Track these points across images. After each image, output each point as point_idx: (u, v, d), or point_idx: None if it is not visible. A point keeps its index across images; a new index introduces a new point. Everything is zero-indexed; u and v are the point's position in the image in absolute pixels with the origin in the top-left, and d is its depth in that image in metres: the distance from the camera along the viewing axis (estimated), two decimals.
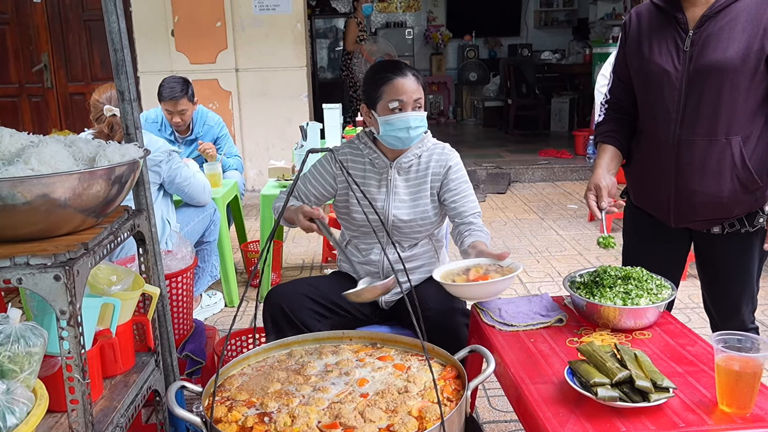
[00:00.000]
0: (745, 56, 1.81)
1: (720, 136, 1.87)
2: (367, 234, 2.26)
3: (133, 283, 1.79)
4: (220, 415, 1.54)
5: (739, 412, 1.40)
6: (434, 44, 11.29)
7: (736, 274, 2.06)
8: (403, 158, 2.21)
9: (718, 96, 1.86)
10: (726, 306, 2.13)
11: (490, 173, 6.78)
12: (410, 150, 2.21)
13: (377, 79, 2.11)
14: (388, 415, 1.50)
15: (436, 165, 2.22)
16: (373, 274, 2.26)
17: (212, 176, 3.62)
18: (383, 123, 2.11)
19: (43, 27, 6.44)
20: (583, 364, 1.51)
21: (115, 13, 1.76)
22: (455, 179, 2.22)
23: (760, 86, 1.85)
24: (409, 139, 2.13)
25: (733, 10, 1.84)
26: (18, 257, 1.31)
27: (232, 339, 2.60)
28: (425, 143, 2.24)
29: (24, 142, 1.50)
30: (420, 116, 2.11)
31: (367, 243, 2.27)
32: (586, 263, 4.23)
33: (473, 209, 2.23)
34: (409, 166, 2.22)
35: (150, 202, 1.86)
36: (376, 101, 2.12)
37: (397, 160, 2.21)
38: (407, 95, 2.08)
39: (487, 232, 2.19)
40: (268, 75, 6.54)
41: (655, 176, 2.03)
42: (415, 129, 2.11)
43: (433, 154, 2.24)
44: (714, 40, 1.85)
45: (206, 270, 3.43)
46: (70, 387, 1.35)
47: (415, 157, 2.22)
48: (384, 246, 2.14)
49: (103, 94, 2.85)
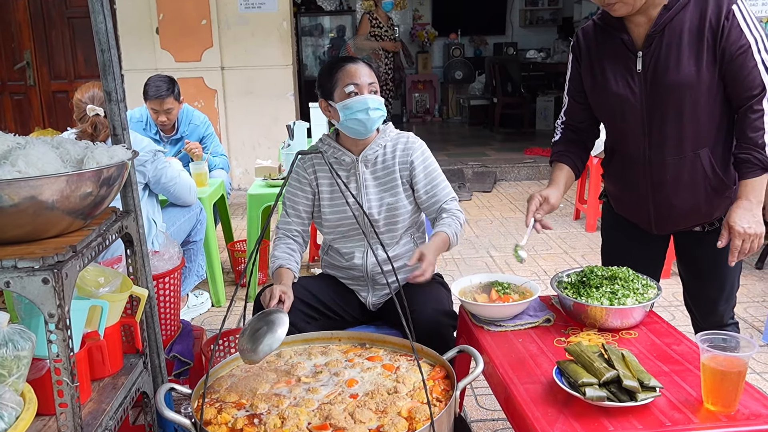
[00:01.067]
0: (698, 71, 1.81)
1: (688, 152, 1.88)
2: (345, 235, 2.25)
3: (121, 285, 1.78)
4: (209, 417, 1.54)
5: (724, 411, 1.42)
6: (420, 42, 11.29)
7: (715, 272, 2.08)
8: (369, 150, 2.19)
9: (680, 114, 1.85)
10: (705, 302, 2.16)
11: (476, 172, 6.81)
12: (374, 141, 2.20)
13: (331, 69, 2.15)
14: (378, 415, 1.50)
15: (402, 154, 2.21)
16: (358, 278, 2.26)
17: (198, 175, 3.61)
18: (342, 109, 2.11)
19: (26, 24, 6.37)
20: (571, 364, 1.53)
21: (102, 13, 1.75)
22: (424, 167, 2.21)
23: (718, 96, 1.85)
24: (369, 120, 2.11)
25: (676, 25, 1.82)
26: (5, 260, 1.30)
27: (220, 339, 2.59)
28: (388, 133, 2.23)
29: (10, 144, 1.48)
30: (376, 98, 2.11)
31: (347, 246, 2.26)
32: (572, 262, 4.26)
33: (447, 195, 2.22)
34: (375, 158, 2.20)
35: (137, 203, 1.85)
36: (332, 91, 2.13)
37: (362, 154, 2.19)
38: (361, 79, 2.10)
39: (458, 217, 2.19)
40: (253, 73, 6.51)
41: (632, 192, 2.04)
42: (374, 110, 2.10)
43: (398, 143, 2.22)
44: (665, 59, 1.84)
45: (193, 270, 3.41)
46: (59, 390, 1.34)
47: (380, 148, 2.20)
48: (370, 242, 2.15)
49: (86, 93, 2.80)
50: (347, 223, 2.21)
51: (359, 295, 2.28)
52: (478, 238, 4.84)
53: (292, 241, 2.25)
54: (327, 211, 2.22)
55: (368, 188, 2.21)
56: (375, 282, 2.24)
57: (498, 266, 4.22)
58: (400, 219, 2.22)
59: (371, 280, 2.24)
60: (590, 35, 2.02)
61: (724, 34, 1.77)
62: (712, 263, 2.07)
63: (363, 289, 2.28)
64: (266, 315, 1.74)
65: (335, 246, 2.29)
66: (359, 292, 2.28)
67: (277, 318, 1.71)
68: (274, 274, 2.16)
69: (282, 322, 1.70)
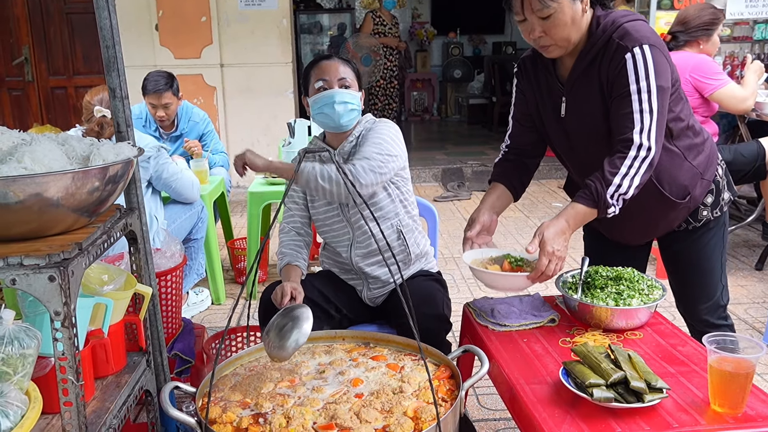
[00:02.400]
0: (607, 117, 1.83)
1: None
2: (332, 228, 2.23)
3: (125, 283, 1.77)
4: (214, 416, 1.53)
5: (731, 412, 1.42)
6: (419, 41, 11.28)
7: (693, 269, 2.10)
8: (345, 143, 2.18)
9: (602, 153, 1.83)
10: (687, 302, 2.18)
11: (475, 171, 6.80)
12: (350, 134, 2.18)
13: (307, 68, 2.18)
14: (383, 415, 1.50)
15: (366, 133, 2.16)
16: (350, 272, 2.26)
17: (199, 173, 3.59)
18: (311, 104, 2.14)
19: (24, 19, 6.34)
20: (577, 365, 1.52)
21: (107, 9, 1.74)
22: (366, 138, 2.12)
23: None
24: (336, 114, 2.09)
25: (590, 72, 1.83)
26: (11, 257, 1.29)
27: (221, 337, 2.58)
28: (363, 124, 2.20)
29: (16, 140, 1.47)
30: (345, 92, 2.09)
31: (335, 241, 2.25)
32: (572, 261, 4.26)
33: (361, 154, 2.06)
34: (350, 150, 2.17)
35: (141, 200, 1.85)
36: (308, 88, 2.16)
37: (339, 147, 2.18)
38: (330, 74, 2.11)
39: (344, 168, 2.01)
40: (253, 71, 6.50)
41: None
42: (340, 104, 2.08)
43: (369, 130, 2.16)
44: (579, 107, 1.87)
45: (193, 268, 3.41)
46: (64, 389, 1.34)
47: (354, 138, 2.18)
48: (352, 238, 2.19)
49: (96, 96, 2.89)
50: (331, 217, 2.21)
51: (357, 290, 2.28)
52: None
53: (297, 235, 2.26)
54: (316, 205, 2.23)
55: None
56: (367, 275, 2.23)
57: None
58: (374, 207, 2.13)
59: (361, 272, 2.23)
60: (529, 66, 2.02)
61: (612, 77, 1.78)
62: (689, 260, 2.09)
63: (358, 283, 2.28)
64: (290, 311, 1.73)
65: (328, 241, 2.31)
66: (356, 287, 2.28)
67: (301, 313, 1.71)
68: (282, 271, 2.16)
69: (306, 317, 1.70)
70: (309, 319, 1.69)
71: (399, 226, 2.21)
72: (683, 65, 3.54)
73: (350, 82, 2.13)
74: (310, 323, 1.69)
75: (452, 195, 6.15)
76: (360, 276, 2.25)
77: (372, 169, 2.00)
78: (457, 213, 5.58)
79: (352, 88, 2.13)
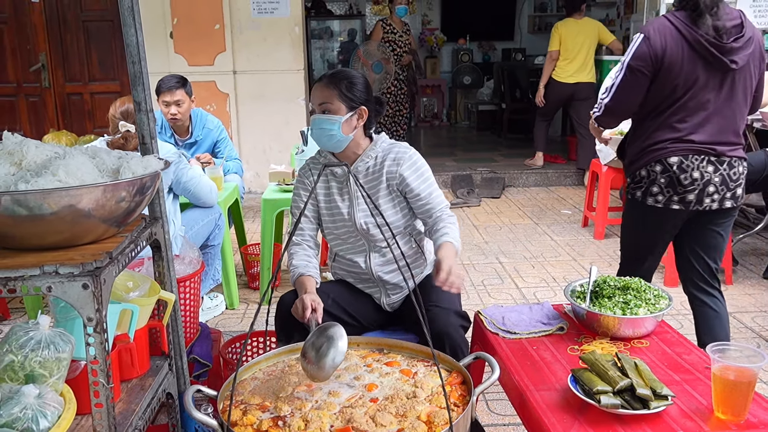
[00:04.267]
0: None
1: None
2: (345, 241, 2.31)
3: (149, 290, 1.84)
4: (235, 419, 1.59)
5: (734, 420, 1.47)
6: (429, 47, 11.35)
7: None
8: (359, 162, 2.25)
9: None
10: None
11: (484, 177, 6.86)
12: (365, 153, 2.25)
13: None
14: (398, 419, 1.55)
15: (391, 163, 2.24)
16: (368, 281, 2.32)
17: (214, 179, 3.66)
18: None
19: (41, 27, 6.45)
20: (585, 372, 1.58)
21: (134, 27, 1.82)
22: (418, 177, 2.23)
23: None
24: (319, 141, 2.22)
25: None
26: (47, 266, 1.36)
27: (237, 342, 2.65)
28: (380, 144, 2.27)
29: (49, 153, 1.55)
30: (321, 117, 2.16)
31: (350, 252, 2.32)
32: (580, 269, 4.30)
33: (439, 203, 2.24)
34: (366, 169, 2.26)
35: (164, 210, 1.92)
36: None
37: (354, 165, 2.25)
38: (315, 100, 2.20)
39: (454, 224, 2.20)
40: (265, 77, 6.58)
41: None
42: (318, 130, 2.18)
43: (389, 153, 2.25)
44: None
45: (209, 273, 3.48)
46: (95, 391, 1.40)
47: (371, 159, 2.25)
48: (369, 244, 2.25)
49: (119, 108, 2.99)
50: (345, 230, 2.28)
51: (374, 297, 2.35)
52: (487, 244, 4.89)
53: (307, 247, 2.32)
54: (327, 219, 2.31)
55: (359, 200, 2.25)
56: (385, 282, 2.30)
57: (507, 272, 4.27)
58: (393, 228, 2.24)
59: (380, 281, 2.30)
60: None
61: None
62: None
63: (376, 291, 2.34)
64: (324, 331, 1.76)
65: (340, 252, 2.36)
66: (373, 294, 2.35)
67: (335, 332, 1.74)
68: (296, 282, 2.22)
69: (341, 335, 1.73)
70: (343, 337, 1.73)
71: (413, 233, 2.31)
72: None
73: (332, 107, 2.15)
74: (345, 341, 1.72)
75: (462, 202, 6.21)
76: (378, 284, 2.32)
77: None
78: (466, 220, 5.63)
79: (334, 112, 2.16)
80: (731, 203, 2.43)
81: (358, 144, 2.24)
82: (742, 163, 2.44)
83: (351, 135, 2.20)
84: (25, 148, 1.52)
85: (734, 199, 2.43)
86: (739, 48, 2.31)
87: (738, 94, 2.37)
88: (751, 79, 2.39)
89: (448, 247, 2.10)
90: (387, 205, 2.25)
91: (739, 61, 2.32)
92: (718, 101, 2.35)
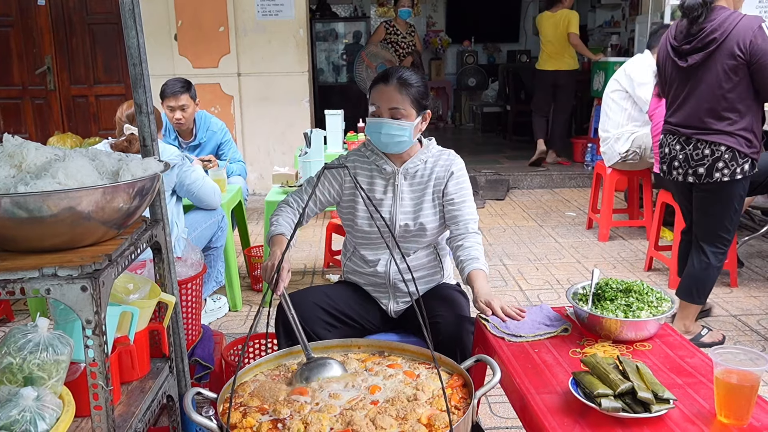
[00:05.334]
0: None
1: None
2: (372, 243, 2.30)
3: (149, 292, 1.84)
4: (234, 421, 1.58)
5: (736, 423, 1.46)
6: (433, 49, 11.36)
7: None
8: (410, 163, 2.25)
9: None
10: None
11: (489, 179, 6.84)
12: (416, 155, 2.26)
13: (371, 84, 2.24)
14: (398, 422, 1.55)
15: (440, 170, 2.26)
16: (380, 284, 2.31)
17: (217, 182, 3.67)
18: (367, 125, 2.22)
19: (47, 30, 6.49)
20: (586, 375, 1.57)
21: (135, 29, 1.82)
22: (456, 183, 2.26)
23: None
24: (381, 144, 2.19)
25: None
26: (46, 268, 1.36)
27: (239, 344, 2.65)
28: (430, 149, 2.29)
29: (49, 156, 1.55)
30: (392, 123, 2.13)
31: (373, 253, 2.31)
32: (584, 271, 4.29)
33: (470, 214, 2.25)
34: (415, 172, 2.26)
35: (165, 212, 1.92)
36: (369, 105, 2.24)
37: (404, 166, 2.25)
38: (382, 102, 2.15)
39: (479, 243, 2.21)
40: (270, 80, 6.60)
41: None
42: (386, 135, 2.15)
43: (439, 159, 2.28)
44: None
45: (212, 275, 3.48)
46: (94, 393, 1.40)
47: (422, 162, 2.26)
48: (393, 252, 2.20)
49: (126, 111, 3.02)
50: (371, 233, 2.27)
51: (380, 303, 2.34)
52: (492, 247, 4.88)
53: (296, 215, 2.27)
54: (361, 216, 2.27)
55: (404, 200, 2.25)
56: (396, 289, 2.29)
57: (511, 274, 4.25)
58: (428, 233, 2.27)
59: (393, 287, 2.29)
60: None
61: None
62: None
63: (384, 296, 2.33)
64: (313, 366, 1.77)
65: (361, 252, 2.34)
66: (380, 299, 2.33)
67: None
68: (273, 239, 2.18)
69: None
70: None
71: (437, 247, 2.34)
72: None
73: (404, 112, 2.14)
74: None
75: None
76: (389, 289, 2.31)
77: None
78: None
79: (406, 117, 2.15)
80: (693, 179, 3.01)
81: (413, 146, 2.25)
82: (710, 147, 2.94)
83: (416, 138, 2.23)
84: (25, 150, 1.52)
85: (696, 176, 3.00)
86: (690, 50, 2.92)
87: (701, 87, 2.92)
88: (718, 74, 2.85)
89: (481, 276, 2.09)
90: (429, 211, 2.25)
91: (690, 60, 2.92)
92: (685, 92, 3.00)
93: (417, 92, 2.17)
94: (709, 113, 2.92)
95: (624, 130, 4.60)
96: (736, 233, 3.29)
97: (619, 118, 4.62)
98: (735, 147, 2.89)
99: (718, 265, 3.11)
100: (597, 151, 5.83)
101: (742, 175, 2.93)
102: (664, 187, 3.92)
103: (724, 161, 2.90)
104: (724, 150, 2.90)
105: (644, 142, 4.50)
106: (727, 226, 3.05)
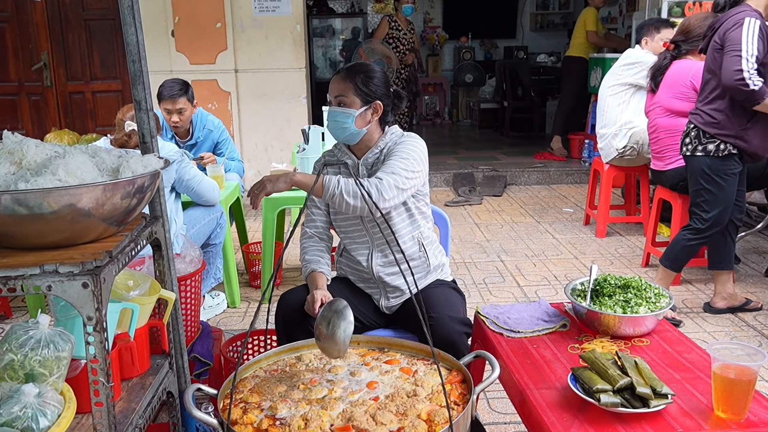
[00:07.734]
0: None
1: None
2: (353, 240, 2.31)
3: (149, 288, 1.84)
4: (235, 417, 1.59)
5: (733, 418, 1.47)
6: (430, 45, 11.35)
7: None
8: (369, 154, 2.25)
9: None
10: None
11: (486, 175, 6.85)
12: (375, 145, 2.25)
13: None
14: (398, 418, 1.55)
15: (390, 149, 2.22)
16: (368, 280, 2.32)
17: (215, 178, 3.67)
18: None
19: (43, 26, 6.46)
20: (585, 371, 1.58)
21: (134, 26, 1.82)
22: (397, 150, 2.17)
23: None
24: (333, 133, 2.23)
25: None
26: (47, 265, 1.37)
27: (238, 341, 2.65)
28: (389, 136, 2.26)
29: (49, 153, 1.55)
30: (336, 110, 2.18)
31: (355, 248, 2.32)
32: (581, 267, 4.30)
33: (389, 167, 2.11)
34: (374, 160, 2.25)
35: (165, 209, 1.92)
36: None
37: (363, 158, 2.26)
38: (332, 92, 2.21)
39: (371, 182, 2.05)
40: (267, 76, 6.58)
41: None
42: (332, 122, 2.19)
43: (396, 144, 2.22)
44: None
45: (211, 272, 3.48)
46: (95, 390, 1.41)
47: (378, 150, 2.25)
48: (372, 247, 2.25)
49: (127, 113, 3.02)
50: (351, 225, 2.28)
51: (374, 299, 2.34)
52: (489, 243, 4.89)
53: (318, 240, 2.34)
54: (333, 210, 2.31)
55: None
56: (385, 285, 2.30)
57: (508, 270, 4.26)
58: (396, 219, 2.23)
59: (380, 282, 2.29)
60: None
61: None
62: None
63: (375, 292, 2.33)
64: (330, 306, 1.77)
65: (348, 248, 2.36)
66: (373, 295, 2.34)
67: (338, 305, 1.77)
68: (308, 278, 2.24)
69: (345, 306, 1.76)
70: (348, 308, 1.75)
71: (420, 238, 2.29)
72: (684, 71, 3.66)
73: (347, 100, 2.17)
74: (350, 311, 1.75)
75: (463, 200, 6.20)
76: (378, 285, 2.31)
77: (396, 185, 2.06)
78: (468, 218, 5.63)
79: (349, 105, 2.16)
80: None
81: (371, 137, 2.24)
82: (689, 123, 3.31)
83: (365, 129, 2.20)
84: (25, 147, 1.52)
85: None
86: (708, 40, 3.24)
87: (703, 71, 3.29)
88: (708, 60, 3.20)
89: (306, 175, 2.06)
90: None
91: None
92: None
93: (361, 81, 2.17)
94: (700, 94, 3.28)
95: (622, 125, 4.60)
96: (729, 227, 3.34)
97: (616, 114, 4.63)
98: (699, 126, 3.19)
99: (688, 243, 3.32)
100: (594, 147, 5.85)
101: (703, 153, 3.18)
102: (661, 183, 3.96)
103: (690, 137, 3.27)
104: (692, 127, 3.26)
105: (642, 137, 4.49)
106: (698, 202, 3.28)
